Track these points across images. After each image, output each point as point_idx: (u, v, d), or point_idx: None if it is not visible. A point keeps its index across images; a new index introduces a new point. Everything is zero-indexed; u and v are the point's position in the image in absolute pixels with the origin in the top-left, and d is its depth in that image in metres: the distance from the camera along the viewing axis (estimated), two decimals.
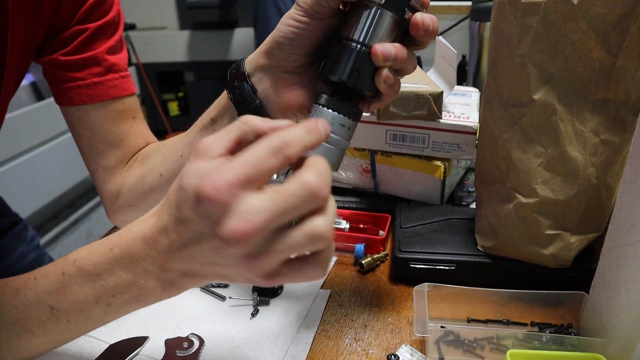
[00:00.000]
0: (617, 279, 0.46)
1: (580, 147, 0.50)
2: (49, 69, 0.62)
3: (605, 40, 0.46)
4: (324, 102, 0.43)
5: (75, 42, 0.60)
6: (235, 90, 0.47)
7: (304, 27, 0.44)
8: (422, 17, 0.42)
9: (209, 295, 0.60)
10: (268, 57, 0.47)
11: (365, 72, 0.42)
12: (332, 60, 0.43)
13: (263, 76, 0.47)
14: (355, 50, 0.42)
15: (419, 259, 0.60)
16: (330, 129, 0.40)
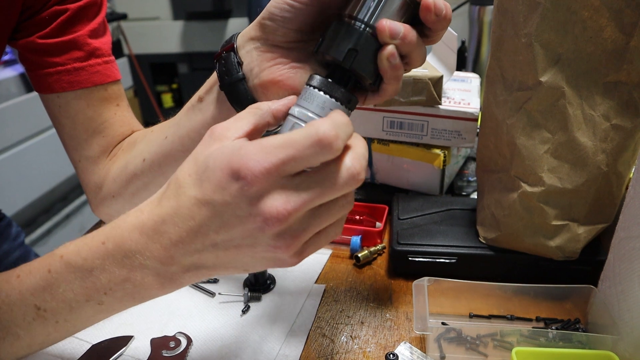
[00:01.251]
0: (629, 272, 0.43)
1: (590, 133, 0.47)
2: (25, 53, 0.58)
3: (618, 18, 0.43)
4: (315, 83, 0.38)
5: (54, 24, 0.57)
6: (222, 60, 0.45)
7: (300, 1, 0.41)
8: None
9: (198, 291, 0.57)
10: (259, 28, 0.44)
11: (364, 54, 0.38)
12: (329, 38, 0.39)
13: (252, 49, 0.45)
14: (356, 28, 0.38)
15: (418, 252, 0.57)
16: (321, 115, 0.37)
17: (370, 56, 0.38)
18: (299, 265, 0.60)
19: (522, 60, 0.48)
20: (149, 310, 0.55)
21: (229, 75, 0.44)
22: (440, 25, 0.39)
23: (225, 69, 0.45)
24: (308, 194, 0.31)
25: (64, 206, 2.23)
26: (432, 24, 0.39)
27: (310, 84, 0.38)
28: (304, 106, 0.37)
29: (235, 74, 0.44)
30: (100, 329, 0.52)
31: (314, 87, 0.38)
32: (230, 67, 0.44)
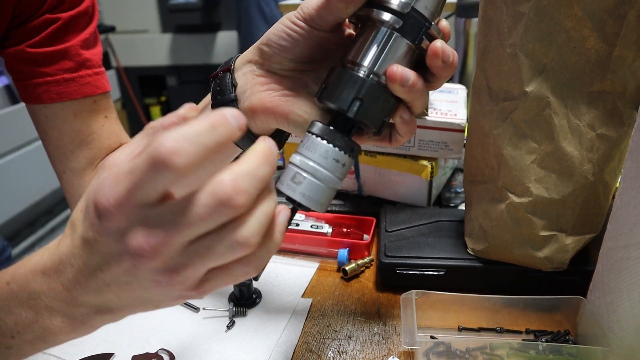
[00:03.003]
0: (618, 282, 0.43)
1: (576, 143, 0.47)
2: (13, 63, 0.57)
3: (601, 28, 0.43)
4: (317, 131, 0.37)
5: (44, 33, 0.55)
6: (217, 79, 0.45)
7: (298, 33, 0.40)
8: (443, 45, 0.37)
9: (182, 306, 0.56)
10: (257, 52, 0.44)
11: (369, 103, 0.37)
12: (332, 85, 0.38)
13: (248, 72, 0.44)
14: (360, 76, 0.37)
15: (406, 264, 0.56)
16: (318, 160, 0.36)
17: (376, 104, 0.37)
18: (285, 279, 0.60)
19: (507, 70, 0.48)
20: (131, 326, 0.53)
21: (221, 94, 0.44)
22: (445, 72, 0.38)
23: (219, 89, 0.44)
24: (172, 226, 0.26)
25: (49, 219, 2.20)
26: (437, 70, 0.38)
27: (312, 131, 0.37)
28: (306, 155, 0.37)
29: (228, 95, 0.44)
30: (79, 346, 0.50)
31: (316, 136, 0.37)
32: (224, 87, 0.44)
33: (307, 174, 0.36)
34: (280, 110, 0.42)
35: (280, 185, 0.37)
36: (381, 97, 0.37)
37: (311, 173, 0.36)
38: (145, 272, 0.28)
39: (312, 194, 0.36)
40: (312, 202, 0.36)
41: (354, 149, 0.37)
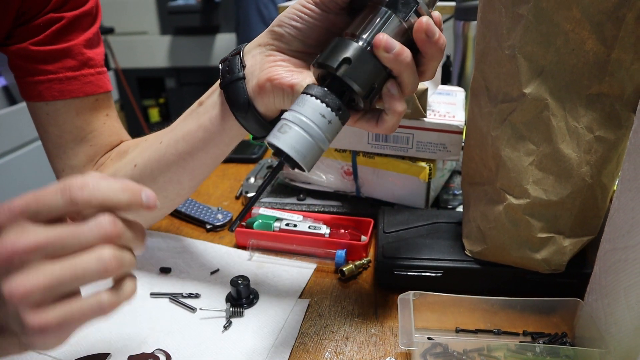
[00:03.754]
0: (615, 284, 0.43)
1: (574, 144, 0.47)
2: (16, 60, 0.57)
3: (599, 31, 0.44)
4: (308, 89, 0.40)
5: (48, 31, 0.56)
6: (226, 61, 0.48)
7: (309, 15, 0.44)
8: (428, 21, 0.40)
9: (178, 306, 0.56)
10: (268, 34, 0.47)
11: (358, 65, 0.40)
12: (328, 51, 0.41)
13: (257, 53, 0.48)
14: (353, 42, 0.40)
15: (404, 266, 0.56)
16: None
17: (363, 67, 0.40)
18: (282, 280, 0.60)
19: (505, 72, 0.48)
20: (127, 326, 0.53)
21: (230, 73, 0.47)
22: (430, 49, 0.41)
23: (228, 68, 0.47)
24: (42, 237, 0.30)
25: None
26: (422, 44, 0.41)
27: (304, 91, 0.41)
28: (295, 109, 0.40)
29: (237, 73, 0.47)
30: (75, 346, 0.50)
31: (306, 94, 0.40)
32: (233, 66, 0.47)
33: (294, 125, 0.39)
34: (287, 81, 0.45)
35: (268, 136, 0.40)
36: (370, 62, 0.40)
37: (297, 124, 0.39)
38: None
39: (297, 144, 0.39)
40: (296, 152, 0.39)
41: (342, 109, 0.40)
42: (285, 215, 0.68)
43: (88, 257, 0.31)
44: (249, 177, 0.84)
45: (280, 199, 0.75)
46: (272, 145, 0.40)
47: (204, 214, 0.73)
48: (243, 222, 0.68)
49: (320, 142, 0.40)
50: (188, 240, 0.69)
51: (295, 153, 0.39)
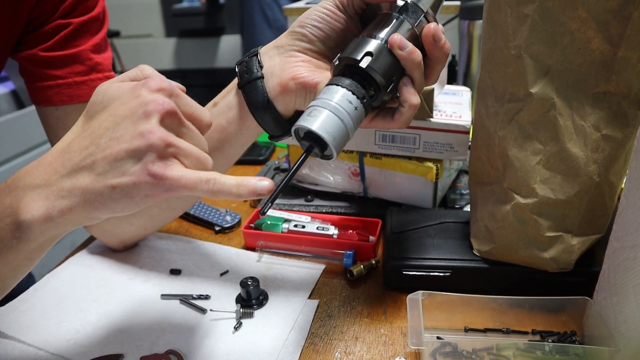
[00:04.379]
0: (624, 282, 0.43)
1: (581, 143, 0.47)
2: (27, 66, 0.58)
3: (605, 30, 0.44)
4: (333, 80, 0.43)
5: (57, 37, 0.57)
6: (244, 62, 0.50)
7: (330, 16, 0.48)
8: (435, 27, 0.45)
9: (189, 307, 0.56)
10: (287, 36, 0.49)
11: (379, 59, 0.43)
12: (350, 48, 0.44)
13: (275, 54, 0.49)
14: (373, 39, 0.44)
15: (412, 266, 0.56)
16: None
17: (384, 61, 0.44)
18: (291, 281, 0.60)
19: (512, 72, 0.48)
20: (139, 327, 0.53)
21: (249, 73, 0.48)
22: (436, 52, 0.45)
23: (247, 69, 0.49)
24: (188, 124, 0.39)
25: None
26: (429, 47, 0.45)
27: (331, 83, 0.43)
28: (322, 97, 0.42)
29: (256, 73, 0.48)
30: (88, 347, 0.51)
31: (332, 84, 0.43)
32: (251, 67, 0.49)
33: (323, 109, 0.41)
34: (310, 79, 0.47)
35: (297, 123, 0.41)
36: (388, 58, 0.44)
37: (327, 108, 0.41)
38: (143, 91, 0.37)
39: (328, 126, 0.40)
40: (327, 133, 0.40)
41: (366, 97, 0.43)
42: (294, 216, 0.68)
43: (204, 153, 0.40)
44: None
45: (288, 200, 0.75)
46: (302, 129, 0.41)
47: (212, 216, 0.74)
48: (251, 225, 0.68)
49: (348, 126, 0.42)
50: (197, 242, 0.69)
51: (327, 134, 0.40)
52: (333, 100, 0.41)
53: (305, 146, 0.42)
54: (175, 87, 0.40)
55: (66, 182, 0.37)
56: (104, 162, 0.36)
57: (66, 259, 0.66)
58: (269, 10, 2.43)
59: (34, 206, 0.37)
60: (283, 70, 0.48)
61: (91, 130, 0.37)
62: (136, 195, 0.36)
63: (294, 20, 1.44)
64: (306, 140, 0.42)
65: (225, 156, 0.55)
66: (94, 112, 0.39)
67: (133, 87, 0.38)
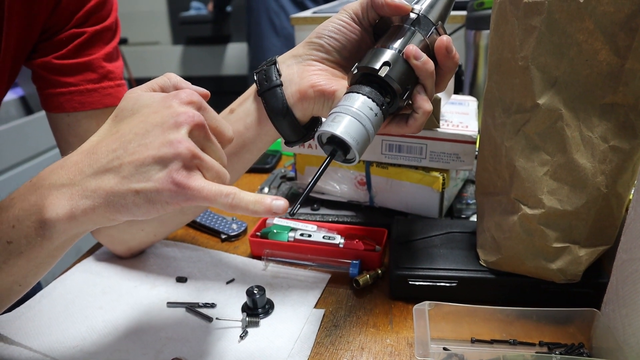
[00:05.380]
0: (633, 294, 0.43)
1: (589, 154, 0.47)
2: (40, 73, 0.60)
3: (613, 41, 0.44)
4: (353, 89, 0.45)
5: (70, 46, 0.58)
6: (262, 71, 0.51)
7: (346, 28, 0.50)
8: (447, 39, 0.47)
9: (194, 316, 0.56)
10: (305, 45, 0.51)
11: (396, 68, 0.45)
12: (368, 58, 0.47)
13: (293, 63, 0.51)
14: (389, 50, 0.46)
15: (418, 276, 0.56)
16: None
17: (400, 70, 0.46)
18: (297, 290, 0.60)
19: (519, 83, 0.48)
20: (145, 335, 0.54)
21: (268, 81, 0.50)
22: (447, 62, 0.48)
23: (265, 77, 0.50)
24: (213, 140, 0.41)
25: None
26: (441, 57, 0.47)
27: (351, 91, 0.45)
28: (344, 104, 0.44)
29: (275, 80, 0.50)
30: (94, 354, 0.51)
31: (352, 92, 0.45)
32: (270, 74, 0.50)
33: (346, 115, 0.43)
34: (328, 87, 0.49)
35: (321, 128, 0.44)
36: (404, 67, 0.46)
37: (348, 114, 0.43)
38: (173, 103, 0.39)
39: (351, 130, 0.43)
40: (351, 137, 0.43)
41: (384, 104, 0.45)
42: (300, 225, 0.68)
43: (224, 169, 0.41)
44: (262, 187, 0.85)
45: None
46: (326, 134, 0.44)
47: (218, 224, 0.74)
48: (257, 233, 0.68)
49: (369, 131, 0.44)
50: (203, 249, 0.70)
51: (350, 138, 0.43)
52: (354, 107, 0.44)
53: (329, 151, 0.44)
54: (204, 101, 0.41)
55: (91, 182, 0.37)
56: (130, 166, 0.37)
57: (73, 266, 0.67)
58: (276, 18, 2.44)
59: (58, 205, 0.37)
60: (302, 78, 0.50)
61: (120, 134, 0.38)
62: (157, 202, 0.37)
63: (300, 29, 1.45)
64: (329, 145, 0.44)
65: (242, 161, 0.56)
66: (123, 116, 0.40)
67: (165, 97, 0.40)
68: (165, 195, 0.37)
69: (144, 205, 0.37)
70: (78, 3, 0.58)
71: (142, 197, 0.37)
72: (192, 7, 3.11)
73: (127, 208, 0.37)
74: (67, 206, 0.37)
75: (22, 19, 0.54)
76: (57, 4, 0.56)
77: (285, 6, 2.43)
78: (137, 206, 0.37)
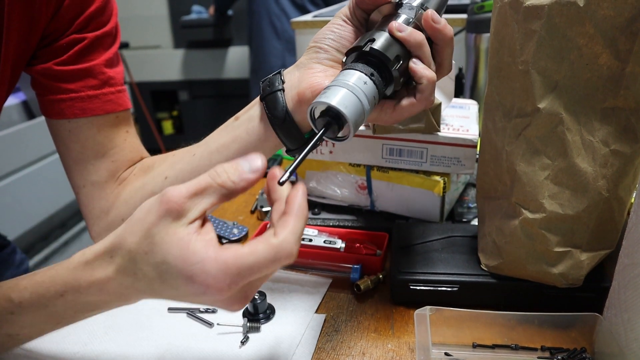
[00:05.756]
0: (635, 299, 0.43)
1: (590, 159, 0.47)
2: (40, 79, 0.59)
3: (613, 45, 0.44)
4: (344, 68, 0.46)
5: (71, 52, 0.58)
6: (267, 79, 0.52)
7: (339, 28, 0.51)
8: (432, 11, 0.47)
9: (196, 321, 0.56)
10: (307, 52, 0.52)
11: (381, 41, 0.45)
12: (356, 41, 0.48)
13: (295, 70, 0.52)
14: (374, 30, 0.47)
15: (419, 280, 0.56)
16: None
17: (387, 42, 0.45)
18: (298, 295, 0.60)
19: (519, 87, 0.48)
20: (146, 340, 0.53)
21: (271, 86, 0.51)
22: (438, 34, 0.47)
23: (269, 83, 0.52)
24: (239, 277, 0.34)
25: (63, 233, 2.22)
26: (431, 31, 0.47)
27: (344, 68, 0.46)
28: (337, 79, 0.44)
29: (277, 86, 0.51)
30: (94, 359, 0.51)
31: (347, 69, 0.45)
32: (273, 81, 0.52)
33: (335, 86, 0.43)
34: (325, 84, 0.48)
35: (315, 101, 0.43)
36: (390, 41, 0.46)
37: (338, 85, 0.43)
38: (207, 298, 0.36)
39: (346, 101, 0.42)
40: (345, 107, 0.42)
41: (374, 74, 0.45)
42: None
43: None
44: (263, 192, 0.85)
45: None
46: (319, 107, 0.43)
47: (219, 229, 0.74)
48: None
49: (365, 106, 0.43)
50: None
51: (345, 108, 0.42)
52: (342, 79, 0.44)
53: (322, 124, 0.43)
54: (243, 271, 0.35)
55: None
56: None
57: None
58: (278, 21, 2.45)
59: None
60: (301, 81, 0.50)
61: (156, 292, 0.38)
62: None
63: (301, 33, 1.45)
64: (323, 118, 0.43)
65: None
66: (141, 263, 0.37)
67: (199, 286, 0.35)
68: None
69: None
70: (78, 8, 0.58)
71: None
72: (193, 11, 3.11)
73: None
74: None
75: (22, 25, 0.53)
76: (57, 9, 0.56)
77: (286, 9, 2.43)
78: None
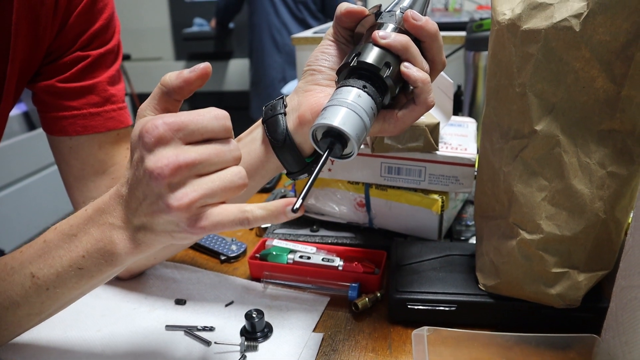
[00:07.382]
0: (633, 322, 0.43)
1: (586, 180, 0.47)
2: (42, 96, 0.59)
3: (609, 69, 0.44)
4: (338, 85, 0.46)
5: (74, 69, 0.58)
6: (271, 104, 0.54)
7: (329, 48, 0.52)
8: (411, 11, 0.47)
9: (193, 339, 0.56)
10: (303, 76, 0.53)
11: (366, 52, 0.46)
12: (345, 58, 0.48)
13: (294, 96, 0.53)
14: (359, 45, 0.47)
15: (417, 299, 0.56)
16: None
17: (373, 52, 0.46)
18: (296, 313, 0.60)
19: (517, 109, 0.49)
20: (144, 358, 0.53)
21: (273, 110, 0.53)
22: (421, 31, 0.46)
23: (272, 107, 0.53)
24: (196, 155, 0.37)
25: None
26: (412, 28, 0.46)
27: (338, 86, 0.46)
28: (333, 97, 0.44)
29: (279, 110, 0.52)
30: None
31: (341, 87, 0.45)
32: (275, 105, 0.53)
33: (331, 106, 0.43)
34: (323, 103, 0.49)
35: (316, 122, 0.43)
36: (376, 50, 0.46)
37: (335, 104, 0.43)
38: (155, 189, 0.37)
39: (344, 119, 0.42)
40: (344, 125, 0.42)
41: (367, 86, 0.45)
42: (299, 247, 0.68)
43: (231, 172, 0.39)
44: None
45: (294, 230, 0.75)
46: (321, 129, 0.43)
47: (218, 245, 0.74)
48: (257, 255, 0.68)
49: (363, 117, 0.43)
50: (203, 271, 0.70)
51: (347, 127, 0.42)
52: (336, 98, 0.44)
53: (325, 145, 0.43)
54: (172, 120, 0.37)
55: (139, 234, 0.41)
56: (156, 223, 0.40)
57: None
58: (278, 35, 2.47)
59: (123, 244, 0.42)
60: (301, 104, 0.51)
61: (131, 196, 0.41)
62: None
63: (301, 48, 1.46)
64: (325, 140, 0.43)
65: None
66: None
67: (136, 165, 0.39)
68: (194, 238, 0.40)
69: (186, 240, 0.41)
70: (83, 26, 0.58)
71: (179, 239, 0.41)
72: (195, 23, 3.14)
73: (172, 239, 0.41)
74: (130, 245, 0.42)
75: (27, 43, 0.54)
76: (62, 27, 0.57)
77: (287, 23, 2.45)
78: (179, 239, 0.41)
